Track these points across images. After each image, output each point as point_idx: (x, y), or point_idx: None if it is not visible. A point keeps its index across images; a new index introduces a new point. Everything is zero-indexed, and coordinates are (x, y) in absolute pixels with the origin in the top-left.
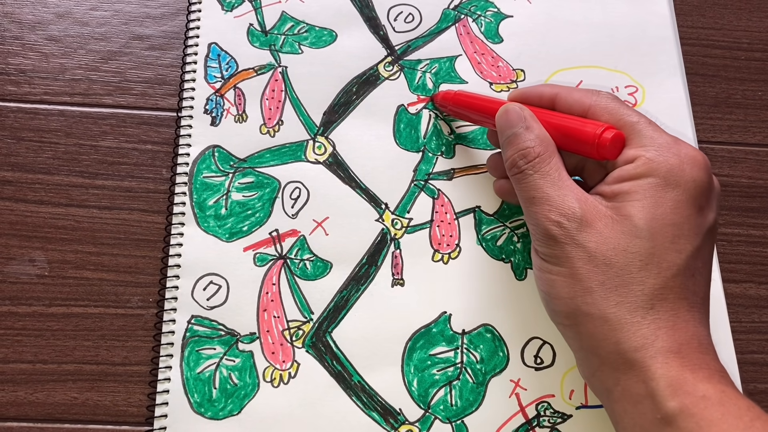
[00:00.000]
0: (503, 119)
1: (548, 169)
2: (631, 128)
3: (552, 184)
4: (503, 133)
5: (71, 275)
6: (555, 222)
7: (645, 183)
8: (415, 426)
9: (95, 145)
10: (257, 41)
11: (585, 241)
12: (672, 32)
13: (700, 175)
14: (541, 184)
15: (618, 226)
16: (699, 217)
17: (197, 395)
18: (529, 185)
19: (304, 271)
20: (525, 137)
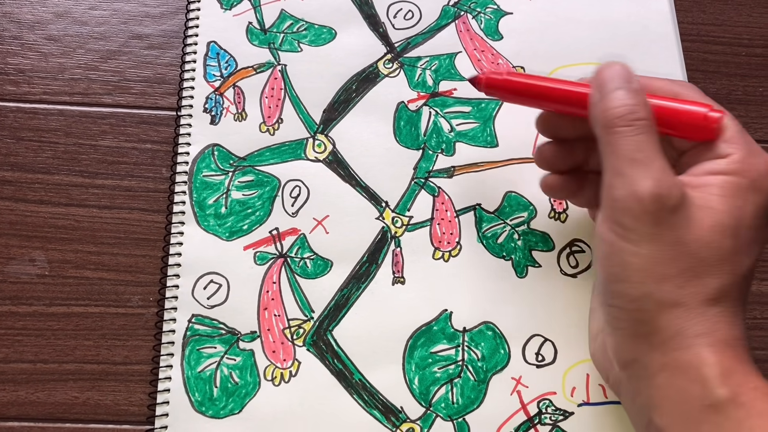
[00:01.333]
0: (617, 72)
1: (655, 138)
2: (727, 122)
3: (658, 153)
4: (608, 85)
5: (71, 275)
6: (654, 194)
7: (734, 182)
8: (417, 424)
9: (95, 145)
10: (256, 39)
11: (677, 224)
12: (672, 28)
13: None
14: (649, 148)
15: (709, 218)
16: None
17: (198, 394)
18: (635, 143)
19: (305, 270)
20: (640, 95)
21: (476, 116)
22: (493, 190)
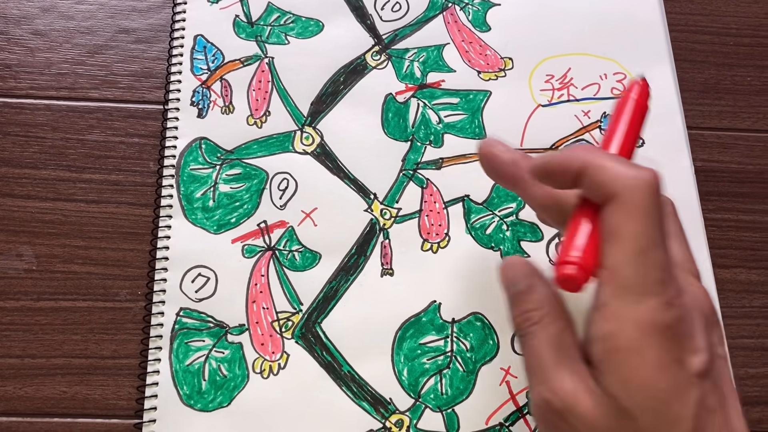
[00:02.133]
0: (508, 274)
1: (549, 336)
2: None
3: (550, 354)
4: (506, 288)
5: (59, 269)
6: (545, 401)
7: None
8: (406, 415)
9: (82, 139)
10: (243, 32)
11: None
12: (660, 18)
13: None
14: (540, 352)
15: (604, 408)
16: (682, 370)
17: (186, 387)
18: (529, 352)
19: (293, 262)
20: (528, 297)
21: (464, 108)
22: (482, 181)
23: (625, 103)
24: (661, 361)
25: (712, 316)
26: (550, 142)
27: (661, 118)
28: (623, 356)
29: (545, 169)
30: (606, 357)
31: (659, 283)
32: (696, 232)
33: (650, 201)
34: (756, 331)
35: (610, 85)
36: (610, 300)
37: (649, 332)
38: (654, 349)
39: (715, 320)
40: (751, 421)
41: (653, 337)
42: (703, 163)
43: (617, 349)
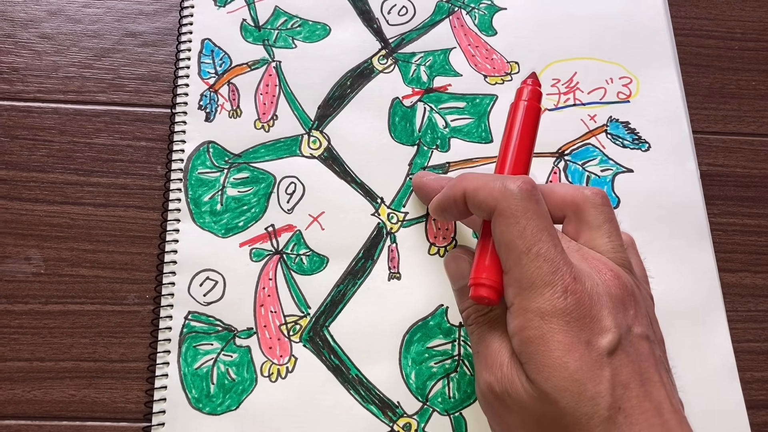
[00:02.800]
0: (453, 268)
1: (496, 323)
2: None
3: (495, 339)
4: (454, 282)
5: (67, 273)
6: (488, 384)
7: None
8: (414, 419)
9: (89, 143)
10: (250, 36)
11: (514, 406)
12: (665, 23)
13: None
14: (487, 338)
15: (530, 392)
16: (591, 350)
17: (195, 391)
18: (478, 338)
19: (301, 266)
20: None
21: (471, 112)
22: None
23: (517, 109)
24: (568, 344)
25: (624, 296)
26: (556, 147)
27: (667, 122)
28: (534, 345)
29: (439, 207)
30: (522, 348)
31: (550, 274)
32: (701, 235)
33: (522, 204)
34: (761, 335)
35: (616, 89)
36: (514, 299)
37: (550, 319)
38: (559, 334)
39: (629, 301)
40: (757, 425)
41: (555, 323)
42: (709, 167)
43: (528, 340)
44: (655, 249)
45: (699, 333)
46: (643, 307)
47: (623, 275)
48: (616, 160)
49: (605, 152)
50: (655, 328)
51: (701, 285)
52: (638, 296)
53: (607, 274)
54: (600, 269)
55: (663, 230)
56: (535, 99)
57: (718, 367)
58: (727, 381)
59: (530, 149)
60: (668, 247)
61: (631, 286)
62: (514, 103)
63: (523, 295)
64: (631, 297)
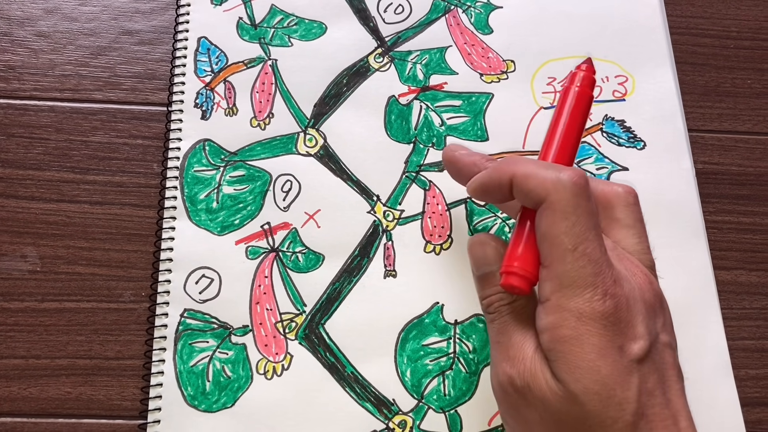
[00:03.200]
0: (479, 253)
1: (520, 313)
2: (545, 259)
3: (518, 330)
4: (478, 268)
5: (63, 270)
6: (509, 377)
7: (561, 338)
8: (409, 416)
9: (86, 141)
10: (247, 35)
11: (534, 402)
12: (661, 21)
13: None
14: (509, 328)
15: (555, 390)
16: (623, 356)
17: (191, 388)
18: (499, 328)
19: (297, 264)
20: (491, 286)
21: (467, 110)
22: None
23: (567, 94)
24: (602, 348)
25: (655, 303)
26: None
27: (663, 121)
28: (567, 345)
29: (481, 188)
30: (552, 346)
31: (593, 275)
32: (697, 234)
33: (574, 200)
34: (756, 333)
35: (611, 88)
36: (551, 295)
37: (587, 321)
38: (594, 337)
39: (659, 308)
40: (751, 422)
41: (592, 326)
42: (704, 165)
43: (561, 339)
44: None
45: (694, 330)
46: (669, 315)
47: (654, 281)
48: (611, 158)
49: (601, 150)
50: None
51: (696, 283)
52: (665, 303)
53: (641, 278)
54: (635, 272)
55: (658, 229)
56: (587, 86)
57: (713, 364)
58: (722, 378)
59: (578, 138)
60: (663, 245)
61: (660, 293)
62: (565, 88)
63: (562, 293)
64: (661, 304)
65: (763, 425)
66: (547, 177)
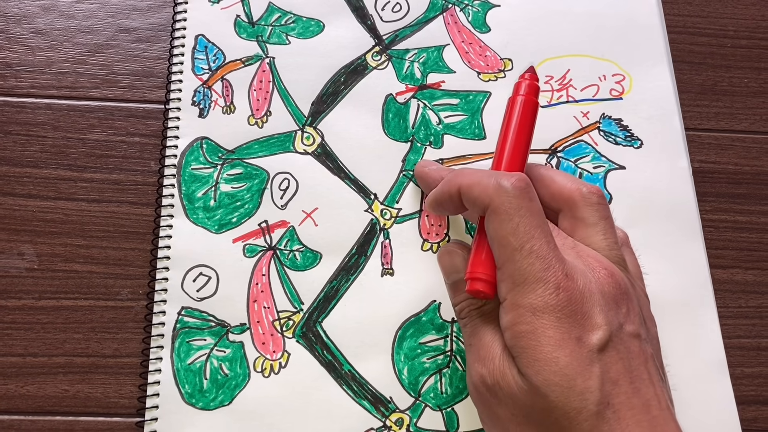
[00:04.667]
0: (447, 262)
1: (490, 315)
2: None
3: (487, 331)
4: (448, 276)
5: (60, 268)
6: (480, 376)
7: (519, 333)
8: (406, 414)
9: (83, 138)
10: (244, 32)
11: (504, 399)
12: (659, 20)
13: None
14: (479, 330)
15: (521, 385)
16: (581, 346)
17: (188, 386)
18: (471, 331)
19: (294, 262)
20: (459, 293)
21: (464, 109)
22: None
23: (514, 104)
24: (559, 340)
25: (617, 295)
26: (549, 143)
27: (660, 119)
28: (525, 340)
29: (435, 202)
30: (514, 342)
31: (542, 271)
32: (693, 232)
33: (516, 202)
34: (752, 331)
35: (609, 87)
36: (507, 294)
37: (542, 315)
38: (550, 329)
39: (622, 299)
40: (746, 420)
41: (547, 319)
42: (701, 164)
43: (520, 335)
44: (647, 246)
45: (690, 329)
46: (636, 306)
47: (617, 273)
48: (608, 157)
49: (598, 149)
50: (650, 326)
51: (692, 281)
52: (632, 294)
53: (600, 272)
54: (594, 267)
55: (655, 227)
56: (532, 93)
57: (709, 362)
58: (718, 376)
59: (527, 145)
60: (660, 243)
61: (624, 284)
62: (511, 98)
63: (515, 291)
64: (625, 295)
65: (758, 423)
66: (489, 184)
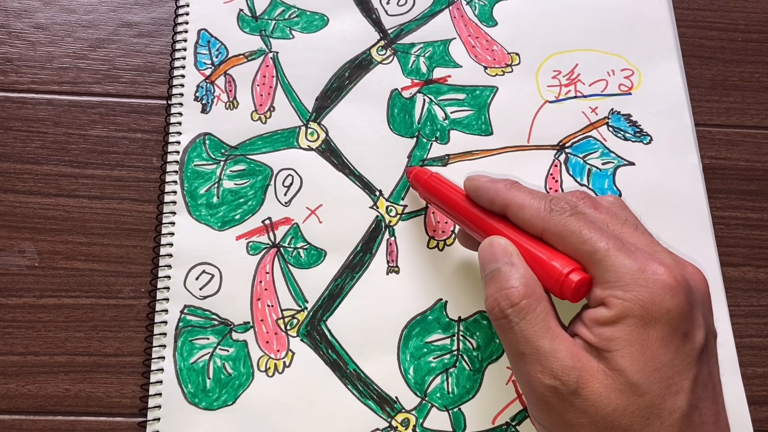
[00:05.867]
0: (487, 252)
1: (536, 317)
2: (590, 259)
3: (542, 336)
4: (485, 268)
5: (62, 266)
6: (550, 387)
7: (625, 328)
8: (412, 414)
9: (84, 134)
10: (247, 27)
11: (584, 406)
12: (668, 14)
13: (676, 302)
14: (530, 336)
15: (613, 384)
16: (686, 345)
17: (191, 385)
18: (516, 337)
19: (298, 260)
20: (509, 275)
21: (471, 104)
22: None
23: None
24: (667, 337)
25: (707, 295)
26: (557, 139)
27: (669, 115)
28: (631, 336)
29: (478, 192)
30: (613, 336)
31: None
32: (703, 229)
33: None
34: (764, 330)
35: (617, 81)
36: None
37: (652, 311)
38: (660, 325)
39: (708, 300)
40: (758, 421)
41: (659, 314)
42: (711, 160)
43: (623, 331)
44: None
45: None
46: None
47: (701, 270)
48: (617, 153)
49: (606, 145)
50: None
51: None
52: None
53: (691, 267)
54: (684, 264)
55: (664, 224)
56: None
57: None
58: (729, 376)
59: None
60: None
61: (707, 283)
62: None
63: (619, 288)
64: (709, 297)
65: None
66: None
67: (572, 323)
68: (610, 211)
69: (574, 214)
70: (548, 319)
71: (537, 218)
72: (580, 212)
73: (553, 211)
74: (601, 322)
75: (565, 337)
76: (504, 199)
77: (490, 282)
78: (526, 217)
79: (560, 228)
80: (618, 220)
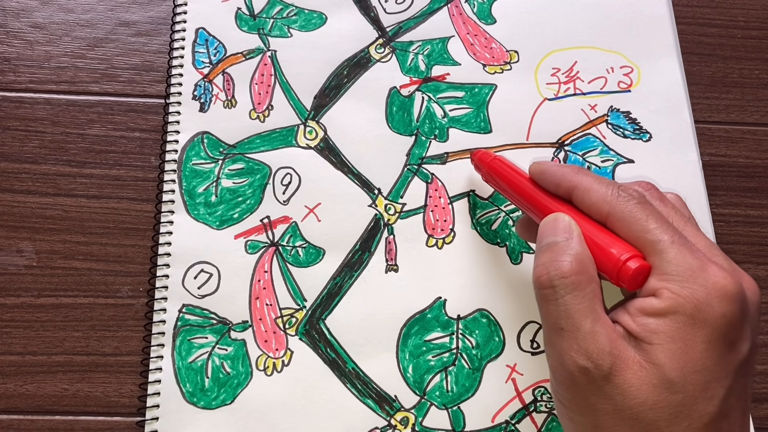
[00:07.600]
0: (549, 225)
1: (583, 294)
2: (652, 249)
3: (585, 315)
4: (542, 239)
5: (60, 265)
6: (582, 368)
7: (672, 323)
8: (411, 413)
9: (82, 134)
10: (245, 25)
11: (612, 393)
12: (667, 11)
13: (731, 308)
14: (573, 312)
15: (648, 377)
16: (731, 354)
17: (189, 385)
18: (558, 310)
19: (297, 258)
20: (565, 249)
21: (470, 101)
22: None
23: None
24: (715, 341)
25: (758, 307)
26: (556, 137)
27: (669, 112)
28: (677, 332)
29: (544, 175)
30: (657, 329)
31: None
32: (703, 227)
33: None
34: (764, 327)
35: (616, 79)
36: (666, 282)
37: (706, 312)
38: (710, 328)
39: (759, 313)
40: (760, 418)
41: (711, 317)
42: (711, 157)
43: (671, 326)
44: None
45: None
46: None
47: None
48: (616, 150)
49: (606, 142)
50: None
51: None
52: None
53: (747, 278)
54: (741, 272)
55: None
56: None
57: None
58: None
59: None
60: None
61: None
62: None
63: (675, 282)
64: (759, 310)
65: None
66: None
67: (614, 310)
68: (675, 207)
69: (641, 202)
70: (594, 301)
71: (603, 202)
72: (647, 201)
73: (621, 196)
74: (649, 313)
75: (607, 321)
76: (571, 182)
77: (544, 252)
78: (592, 200)
79: (626, 214)
80: (682, 217)
